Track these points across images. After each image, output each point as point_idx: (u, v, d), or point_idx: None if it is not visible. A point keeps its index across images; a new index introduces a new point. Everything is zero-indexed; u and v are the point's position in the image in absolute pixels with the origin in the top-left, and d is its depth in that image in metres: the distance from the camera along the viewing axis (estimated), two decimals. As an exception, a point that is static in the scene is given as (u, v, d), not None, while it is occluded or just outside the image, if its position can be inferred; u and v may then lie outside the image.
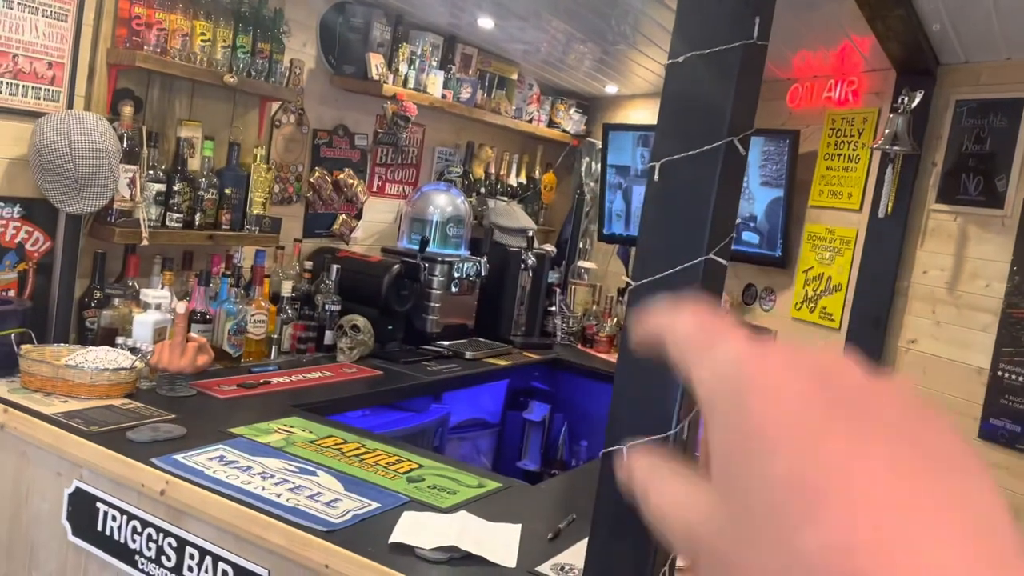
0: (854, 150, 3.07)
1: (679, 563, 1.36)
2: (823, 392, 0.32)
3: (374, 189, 3.64)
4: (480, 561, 1.57)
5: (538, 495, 2.07)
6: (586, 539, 1.34)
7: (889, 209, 2.79)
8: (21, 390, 2.13)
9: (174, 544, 1.74)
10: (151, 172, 2.58)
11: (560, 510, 1.86)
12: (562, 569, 1.58)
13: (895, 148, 2.73)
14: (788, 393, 0.32)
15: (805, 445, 0.31)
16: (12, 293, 2.37)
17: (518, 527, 1.73)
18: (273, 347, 2.91)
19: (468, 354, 3.41)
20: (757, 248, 3.34)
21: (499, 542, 1.65)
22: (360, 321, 3.08)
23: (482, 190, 4.10)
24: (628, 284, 1.33)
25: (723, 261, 1.27)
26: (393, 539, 1.59)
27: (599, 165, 4.25)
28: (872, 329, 2.84)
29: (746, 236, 3.35)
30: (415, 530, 1.64)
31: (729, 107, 1.21)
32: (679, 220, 1.26)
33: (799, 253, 3.25)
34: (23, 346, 2.20)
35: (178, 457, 1.85)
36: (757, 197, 3.32)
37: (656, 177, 1.27)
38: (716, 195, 1.22)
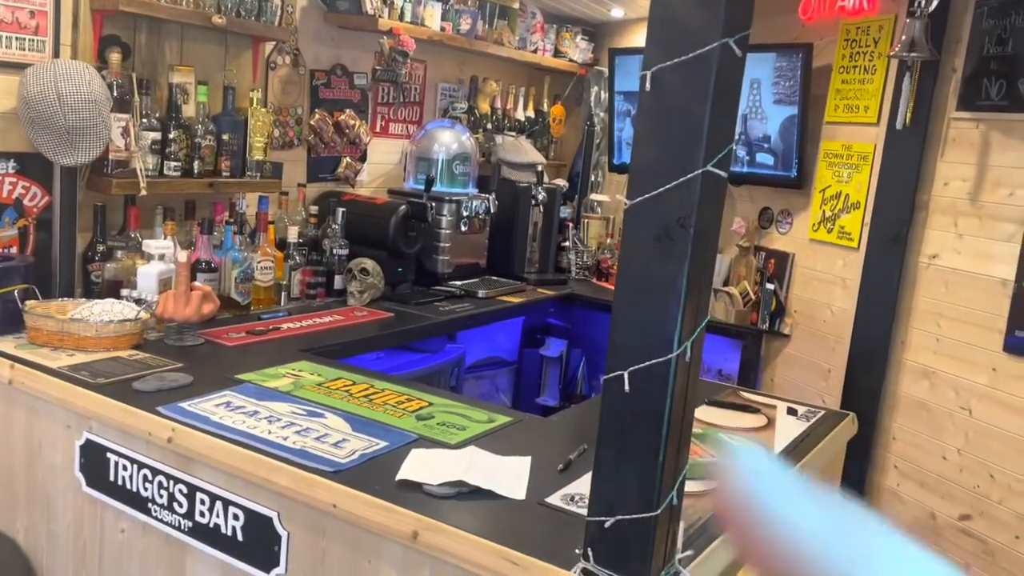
0: (870, 61, 2.93)
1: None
2: None
3: (377, 130, 3.56)
4: (489, 495, 1.55)
5: (549, 427, 2.04)
6: (595, 468, 1.31)
7: (908, 120, 2.67)
8: (28, 346, 2.13)
9: (184, 491, 1.74)
10: (145, 121, 2.53)
11: (571, 441, 1.84)
12: (572, 499, 1.56)
13: (912, 55, 2.60)
14: None
15: None
16: (14, 250, 2.35)
17: (528, 460, 1.71)
18: (282, 294, 2.89)
19: (481, 293, 3.37)
20: (772, 170, 3.24)
21: (508, 475, 1.63)
22: (369, 264, 3.04)
23: (488, 126, 4.01)
24: (624, 204, 1.27)
25: (722, 173, 1.20)
26: (400, 476, 1.58)
27: (608, 95, 4.13)
28: (891, 246, 2.76)
29: (760, 157, 3.25)
30: (423, 467, 1.62)
31: (723, 5, 1.13)
32: (674, 132, 1.19)
33: (815, 172, 3.15)
34: (28, 302, 2.19)
35: (184, 405, 1.84)
36: (770, 116, 3.20)
37: (648, 87, 1.20)
38: (712, 102, 1.14)
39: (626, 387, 1.23)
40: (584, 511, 1.44)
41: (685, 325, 1.21)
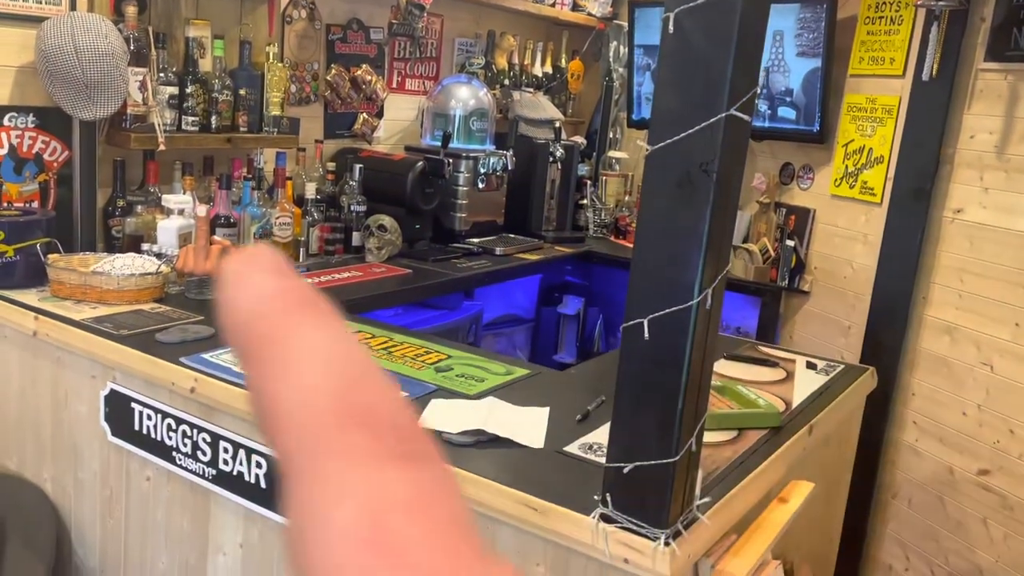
0: (896, 11, 2.86)
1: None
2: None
3: (394, 85, 3.53)
4: (507, 443, 1.56)
5: (567, 380, 2.05)
6: (614, 418, 1.32)
7: (934, 71, 2.61)
8: (51, 299, 2.15)
9: (208, 439, 1.76)
10: (162, 75, 2.52)
11: (589, 393, 1.84)
12: (590, 448, 1.57)
13: (940, 4, 2.54)
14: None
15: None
16: (35, 204, 2.37)
17: (546, 410, 1.72)
18: (301, 250, 2.90)
19: (498, 250, 3.37)
20: (794, 124, 3.19)
21: (527, 424, 1.64)
22: (387, 220, 3.04)
23: (506, 82, 3.96)
24: (646, 150, 1.25)
25: (745, 117, 1.19)
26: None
27: (627, 49, 4.07)
28: (915, 201, 2.72)
29: (782, 112, 3.20)
30: (442, 416, 1.63)
31: (747, -57, 1.10)
32: (697, 75, 1.17)
33: (838, 127, 3.10)
34: (50, 255, 2.21)
35: (206, 356, 1.86)
36: (793, 69, 3.14)
37: (671, 29, 1.18)
38: (736, 44, 1.12)
39: (646, 334, 1.23)
40: (602, 460, 1.45)
41: (706, 272, 1.21)
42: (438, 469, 0.40)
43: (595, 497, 1.33)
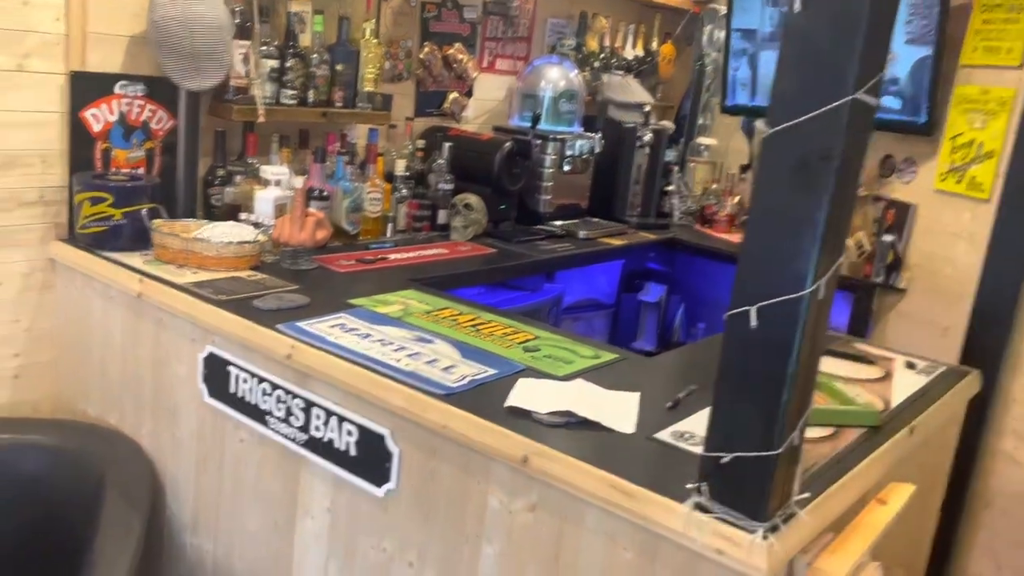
0: (1018, -2, 2.71)
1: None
2: None
3: (484, 65, 3.53)
4: (597, 427, 1.55)
5: (656, 367, 2.02)
6: (706, 409, 1.29)
7: (1057, 63, 2.47)
8: (154, 262, 2.23)
9: (301, 405, 1.80)
10: (264, 48, 2.57)
11: (679, 381, 1.82)
12: (682, 436, 1.54)
13: (1070, -9, 2.39)
14: None
15: None
16: (141, 171, 2.46)
17: (636, 395, 1.70)
18: (389, 225, 2.93)
19: (582, 233, 3.34)
20: (899, 114, 3.06)
21: (617, 409, 1.62)
22: (473, 199, 3.05)
23: (596, 64, 3.91)
24: (760, 130, 1.21)
25: (872, 101, 1.14)
26: (509, 403, 1.59)
27: (722, 33, 3.97)
28: (1029, 199, 2.58)
29: (887, 101, 3.07)
30: (531, 395, 1.63)
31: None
32: (822, 54, 1.12)
33: (946, 119, 2.96)
34: (155, 220, 2.29)
35: (301, 324, 1.90)
36: (901, 57, 3.01)
37: (796, 6, 1.13)
38: (868, 20, 1.07)
39: (753, 322, 1.20)
40: (695, 449, 1.43)
41: (821, 263, 1.17)
42: None
43: (688, 485, 1.30)
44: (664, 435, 1.55)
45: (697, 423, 1.56)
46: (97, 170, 2.37)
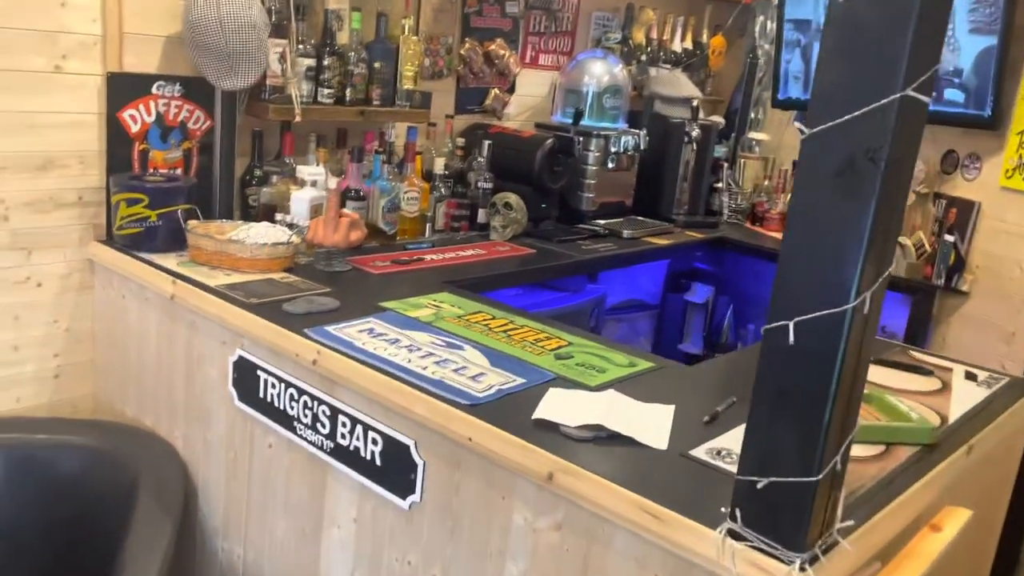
0: (1095, -18, 2.54)
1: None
2: None
3: (527, 60, 3.46)
4: (628, 442, 1.47)
5: (695, 376, 1.94)
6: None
7: None
8: (188, 264, 2.22)
9: (328, 412, 1.77)
10: (300, 47, 2.55)
11: (719, 393, 1.73)
12: (718, 454, 1.46)
13: None
14: None
15: None
16: (178, 171, 2.46)
17: (671, 408, 1.62)
18: (427, 225, 2.89)
19: (626, 233, 3.26)
20: (962, 108, 2.90)
21: (650, 423, 1.54)
22: (513, 199, 2.99)
23: (643, 57, 3.81)
24: (801, 132, 1.12)
25: (924, 99, 1.04)
26: (536, 415, 1.53)
27: (775, 24, 3.83)
28: (1104, 198, 2.41)
29: (949, 94, 2.91)
30: (560, 407, 1.56)
31: None
32: (869, 48, 1.03)
33: (1013, 112, 2.79)
34: (190, 221, 2.29)
35: (329, 329, 1.86)
36: (964, 47, 2.85)
37: (841, -4, 1.04)
38: (920, 9, 0.97)
39: (790, 338, 1.11)
40: (731, 467, 1.35)
41: (866, 274, 1.07)
42: None
43: (723, 510, 1.22)
44: (699, 452, 1.46)
45: (735, 439, 1.47)
46: (135, 171, 2.37)
